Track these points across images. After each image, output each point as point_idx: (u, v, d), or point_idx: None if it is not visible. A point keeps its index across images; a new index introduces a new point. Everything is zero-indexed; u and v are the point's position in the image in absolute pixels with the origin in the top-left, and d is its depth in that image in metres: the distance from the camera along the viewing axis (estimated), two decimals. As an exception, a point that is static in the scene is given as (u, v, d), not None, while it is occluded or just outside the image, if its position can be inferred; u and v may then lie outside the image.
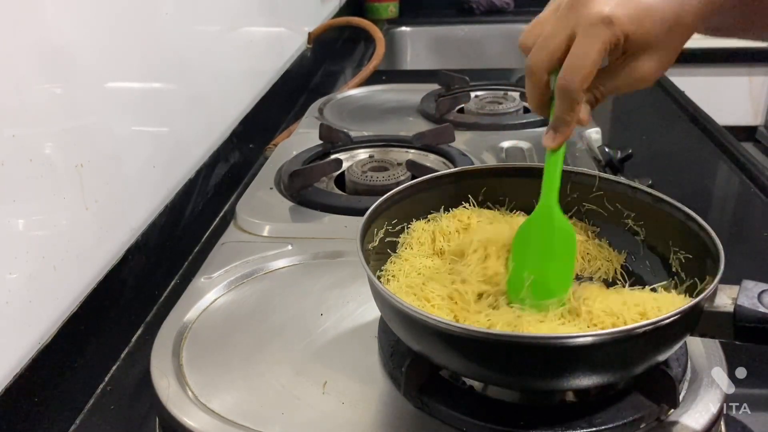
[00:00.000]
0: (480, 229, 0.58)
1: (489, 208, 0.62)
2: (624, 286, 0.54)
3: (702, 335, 0.45)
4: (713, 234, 0.49)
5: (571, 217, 0.60)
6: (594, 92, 0.49)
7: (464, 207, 0.61)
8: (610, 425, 0.45)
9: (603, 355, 0.42)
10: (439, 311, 0.49)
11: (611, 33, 0.44)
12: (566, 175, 0.60)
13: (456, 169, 0.64)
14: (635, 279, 0.57)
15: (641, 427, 0.46)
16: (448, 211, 0.61)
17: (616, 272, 0.57)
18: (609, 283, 0.56)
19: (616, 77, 0.48)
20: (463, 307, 0.50)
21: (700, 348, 0.52)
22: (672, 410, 0.47)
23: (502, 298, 0.52)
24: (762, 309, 0.42)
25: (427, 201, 0.61)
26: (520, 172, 0.62)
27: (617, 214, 0.58)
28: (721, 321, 0.44)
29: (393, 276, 0.55)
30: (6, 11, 0.52)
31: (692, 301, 0.42)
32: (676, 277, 0.53)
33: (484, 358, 0.44)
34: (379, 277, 0.54)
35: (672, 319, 0.41)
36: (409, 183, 0.60)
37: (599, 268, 0.58)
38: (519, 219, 0.60)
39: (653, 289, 0.53)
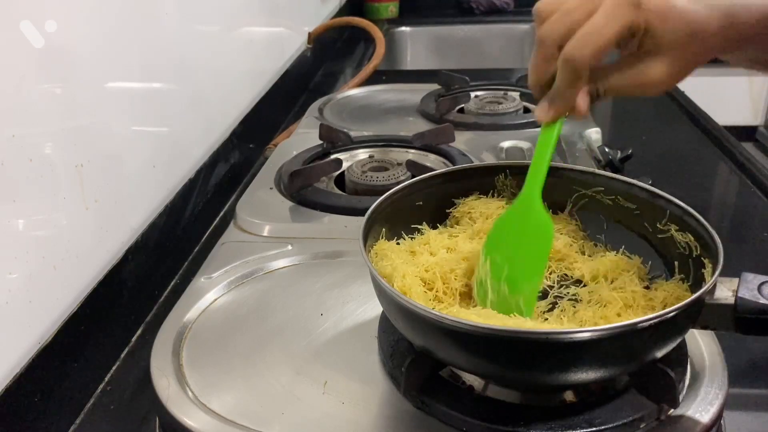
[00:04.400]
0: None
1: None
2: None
3: (703, 327, 0.46)
4: (710, 228, 0.49)
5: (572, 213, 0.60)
6: (597, 85, 0.47)
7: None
8: (610, 425, 0.45)
9: (607, 349, 0.42)
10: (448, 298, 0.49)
11: (634, 17, 0.43)
12: (565, 173, 0.61)
13: (458, 166, 0.64)
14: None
15: (641, 426, 0.46)
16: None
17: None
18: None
19: (624, 75, 0.46)
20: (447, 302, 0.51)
21: (700, 348, 0.52)
22: (672, 410, 0.47)
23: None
24: (762, 300, 0.43)
25: (430, 198, 0.61)
26: (521, 170, 0.62)
27: (615, 209, 0.58)
28: (722, 313, 0.44)
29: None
30: (6, 11, 0.52)
31: (694, 295, 0.42)
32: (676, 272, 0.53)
33: (489, 354, 0.44)
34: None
35: (675, 313, 0.41)
36: (411, 180, 0.60)
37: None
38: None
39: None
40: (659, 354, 0.45)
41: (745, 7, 0.44)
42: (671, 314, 0.41)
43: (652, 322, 0.41)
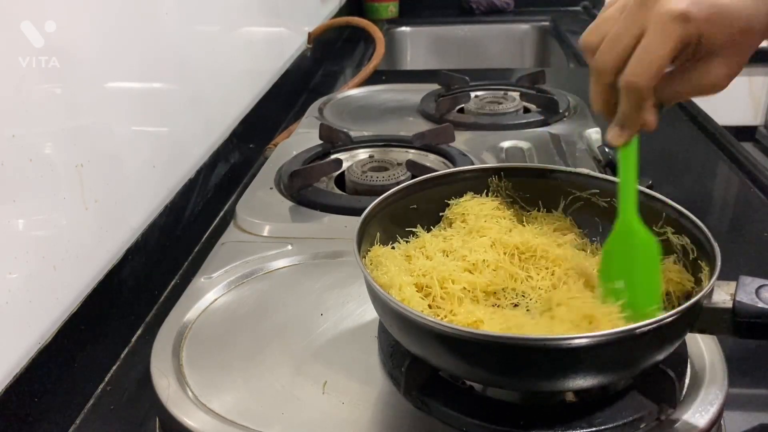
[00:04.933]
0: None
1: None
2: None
3: (701, 332, 0.46)
4: (706, 230, 0.49)
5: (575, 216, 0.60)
6: (661, 96, 0.47)
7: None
8: (610, 425, 0.45)
9: (605, 355, 0.42)
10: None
11: (685, 31, 0.42)
12: (560, 175, 0.61)
13: (454, 169, 0.64)
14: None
15: (641, 427, 0.46)
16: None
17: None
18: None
19: (685, 81, 0.46)
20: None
21: (700, 348, 0.52)
22: (672, 410, 0.47)
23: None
24: (761, 304, 0.43)
25: (424, 200, 0.61)
26: (521, 171, 0.62)
27: (611, 212, 0.58)
28: (720, 317, 0.44)
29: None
30: (6, 11, 0.52)
31: (692, 300, 0.42)
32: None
33: (487, 361, 0.44)
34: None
35: (673, 318, 0.41)
36: (405, 184, 0.60)
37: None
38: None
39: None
40: (657, 359, 0.45)
41: None
42: (669, 319, 0.41)
43: (650, 327, 0.41)
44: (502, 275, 0.54)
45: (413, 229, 0.60)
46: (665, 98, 0.47)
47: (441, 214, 0.62)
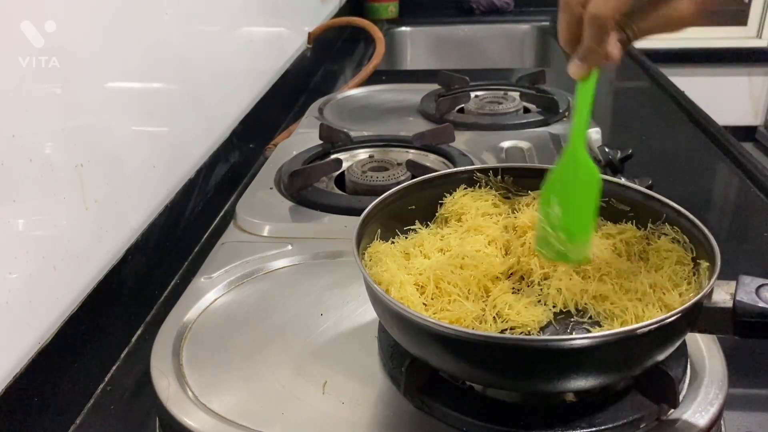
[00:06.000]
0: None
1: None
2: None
3: (702, 331, 0.46)
4: (706, 230, 0.49)
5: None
6: (627, 31, 0.48)
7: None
8: (610, 425, 0.45)
9: (605, 356, 0.42)
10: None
11: None
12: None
13: (453, 169, 0.64)
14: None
15: (641, 427, 0.46)
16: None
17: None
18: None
19: (652, 17, 0.47)
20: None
21: (700, 348, 0.52)
22: (672, 410, 0.47)
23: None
24: (761, 304, 0.43)
25: (422, 201, 0.61)
26: (521, 172, 0.62)
27: (610, 210, 0.58)
28: (721, 317, 0.44)
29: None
30: (6, 11, 0.52)
31: (693, 299, 0.42)
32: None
33: (484, 362, 0.44)
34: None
35: (673, 318, 0.41)
36: (404, 184, 0.60)
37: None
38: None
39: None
40: (657, 358, 0.45)
41: None
42: (670, 319, 0.41)
43: (650, 327, 0.41)
44: (497, 263, 0.55)
45: (412, 227, 0.60)
46: (632, 33, 0.48)
47: (438, 214, 0.62)
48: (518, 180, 0.62)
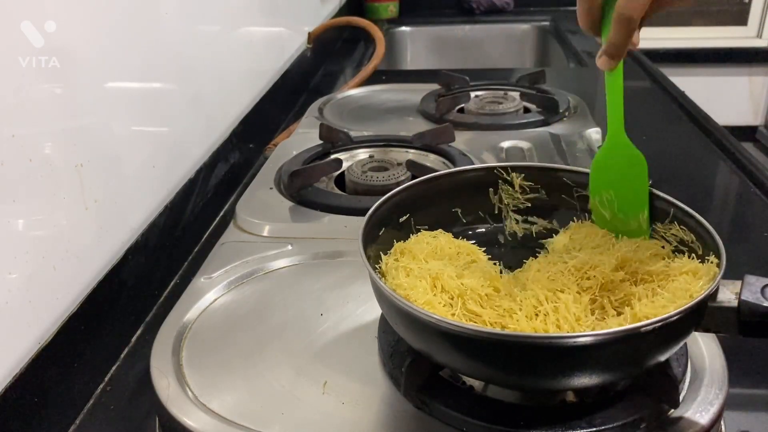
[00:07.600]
0: None
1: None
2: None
3: (706, 330, 0.45)
4: (712, 230, 0.49)
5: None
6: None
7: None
8: (610, 425, 0.45)
9: (609, 353, 0.42)
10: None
11: None
12: (564, 174, 0.61)
13: (462, 167, 0.64)
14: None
15: (641, 427, 0.46)
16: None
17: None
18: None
19: None
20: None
21: (700, 348, 0.52)
22: (672, 410, 0.47)
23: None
24: (766, 303, 0.42)
25: (427, 200, 0.61)
26: (523, 170, 0.62)
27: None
28: (725, 316, 0.44)
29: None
30: (6, 11, 0.52)
31: (697, 298, 0.42)
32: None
33: (488, 358, 0.44)
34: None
35: (678, 316, 0.41)
36: (418, 180, 0.61)
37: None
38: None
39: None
40: (661, 357, 0.45)
41: None
42: (674, 317, 0.41)
43: (655, 325, 0.40)
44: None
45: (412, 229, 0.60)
46: (648, 14, 0.49)
47: (454, 210, 0.63)
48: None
